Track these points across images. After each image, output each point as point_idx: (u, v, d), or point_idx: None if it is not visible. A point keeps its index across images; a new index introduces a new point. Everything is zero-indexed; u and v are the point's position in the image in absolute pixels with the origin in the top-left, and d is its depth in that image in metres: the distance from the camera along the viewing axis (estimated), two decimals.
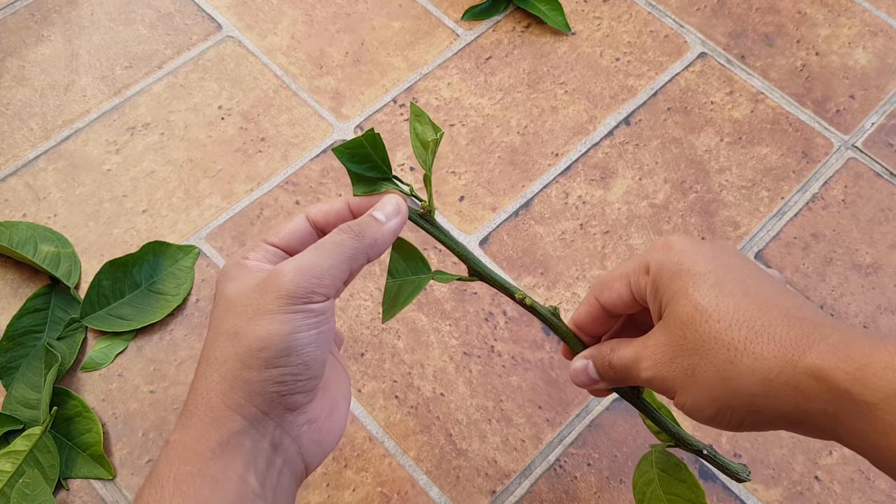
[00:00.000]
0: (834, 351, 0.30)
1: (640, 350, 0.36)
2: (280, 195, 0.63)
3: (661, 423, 0.43)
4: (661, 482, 0.45)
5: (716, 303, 0.33)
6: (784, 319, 0.32)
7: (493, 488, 0.53)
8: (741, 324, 0.33)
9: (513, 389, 0.56)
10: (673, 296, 0.35)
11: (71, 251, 0.60)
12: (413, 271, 0.40)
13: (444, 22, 0.72)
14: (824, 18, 0.73)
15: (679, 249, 0.36)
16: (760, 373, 0.32)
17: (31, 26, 0.72)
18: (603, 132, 0.67)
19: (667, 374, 0.35)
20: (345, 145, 0.38)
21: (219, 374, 0.35)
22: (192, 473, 0.33)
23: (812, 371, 0.30)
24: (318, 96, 0.68)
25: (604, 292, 0.39)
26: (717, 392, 0.33)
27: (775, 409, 0.32)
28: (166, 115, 0.67)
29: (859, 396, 0.29)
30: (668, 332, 0.35)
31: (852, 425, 0.30)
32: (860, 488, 0.52)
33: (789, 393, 0.31)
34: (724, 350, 0.32)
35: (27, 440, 0.52)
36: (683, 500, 0.44)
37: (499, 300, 0.59)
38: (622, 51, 0.71)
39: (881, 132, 0.67)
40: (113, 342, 0.57)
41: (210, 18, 0.72)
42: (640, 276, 0.37)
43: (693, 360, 0.33)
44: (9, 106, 0.68)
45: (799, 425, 0.32)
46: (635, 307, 0.38)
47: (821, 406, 0.30)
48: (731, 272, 0.35)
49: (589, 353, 0.40)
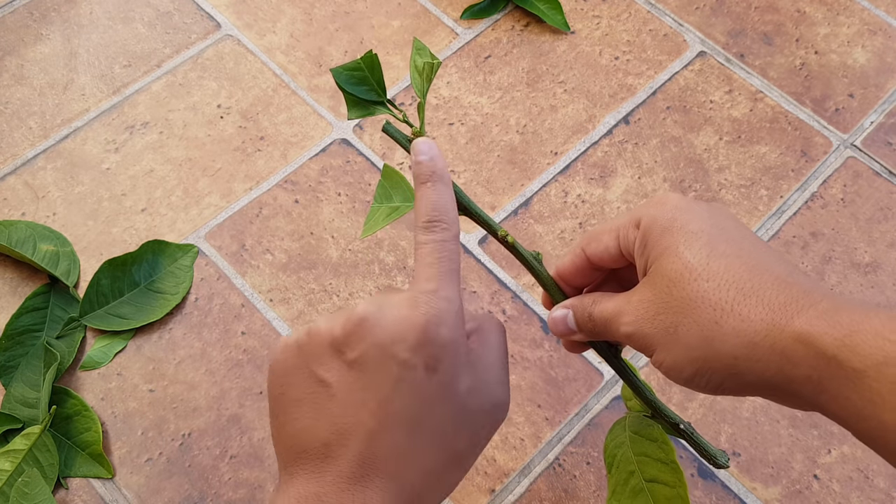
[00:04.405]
0: (823, 317, 0.30)
1: (622, 304, 0.35)
2: (279, 194, 0.63)
3: (637, 389, 0.41)
4: (632, 443, 0.43)
5: (706, 262, 0.33)
6: (774, 283, 0.32)
7: (492, 487, 0.53)
8: (730, 285, 0.32)
9: (512, 388, 0.56)
10: (662, 252, 0.34)
11: (70, 250, 0.60)
12: (399, 199, 0.40)
13: (444, 21, 0.72)
14: (823, 17, 0.73)
15: (673, 206, 0.35)
16: (745, 335, 0.31)
17: (30, 25, 0.72)
18: (602, 131, 0.67)
19: (647, 330, 0.34)
20: (343, 67, 0.39)
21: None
22: None
23: (799, 336, 0.30)
24: (317, 95, 0.68)
25: (591, 244, 0.38)
26: (698, 352, 0.32)
27: (757, 374, 0.31)
28: (165, 113, 0.67)
29: (847, 363, 0.28)
30: (653, 288, 0.34)
31: (837, 392, 0.29)
32: (859, 487, 0.53)
33: (774, 357, 0.30)
34: (710, 310, 0.32)
35: (26, 439, 0.52)
36: (653, 459, 0.42)
37: (498, 299, 0.59)
38: (621, 49, 0.71)
39: (880, 131, 0.67)
40: (112, 341, 0.57)
41: (209, 17, 0.72)
42: (630, 230, 0.36)
43: (676, 318, 0.33)
44: (7, 105, 0.67)
45: (779, 392, 0.31)
46: (621, 262, 0.38)
47: (805, 372, 0.30)
48: (725, 233, 0.34)
49: (570, 302, 0.39)
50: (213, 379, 0.56)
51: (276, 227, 0.62)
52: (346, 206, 0.63)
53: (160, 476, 0.53)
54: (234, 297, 0.59)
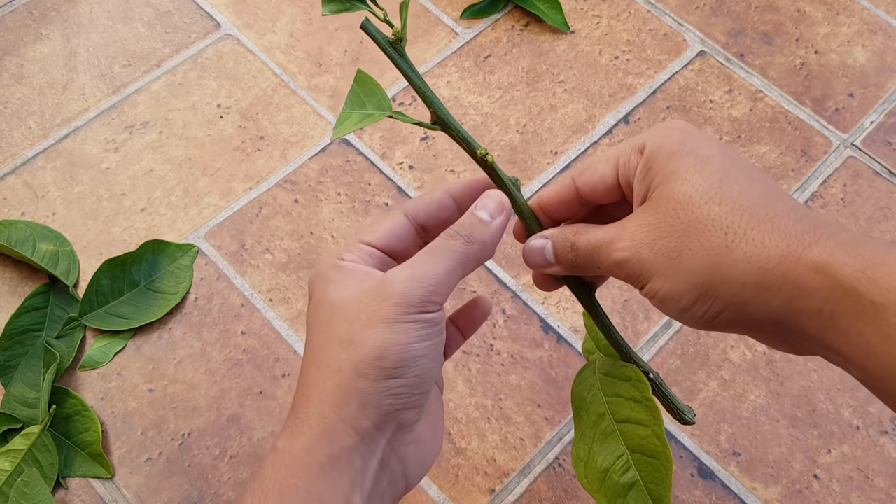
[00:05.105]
0: (843, 247, 0.28)
1: (616, 232, 0.34)
2: (279, 194, 0.63)
3: (607, 331, 0.39)
4: (603, 385, 0.40)
5: (719, 185, 0.31)
6: (790, 212, 0.30)
7: (492, 487, 0.53)
8: (744, 209, 0.30)
9: (512, 388, 0.56)
10: (670, 175, 0.32)
11: (69, 250, 0.60)
12: (372, 106, 0.38)
13: (443, 20, 0.72)
14: (823, 17, 0.73)
15: (680, 130, 0.34)
16: (758, 260, 0.29)
17: (30, 24, 0.71)
18: (602, 130, 0.67)
19: (646, 255, 0.32)
20: None
21: (332, 382, 0.33)
22: (298, 488, 0.32)
23: (816, 265, 0.28)
24: (316, 95, 0.68)
25: (584, 173, 0.36)
26: (702, 278, 0.31)
27: (763, 304, 0.30)
28: (165, 113, 0.67)
29: (866, 295, 0.27)
30: (656, 211, 0.32)
31: (849, 327, 0.28)
32: (859, 486, 0.53)
33: (785, 287, 0.29)
34: (722, 233, 0.30)
35: (26, 439, 0.52)
36: (625, 398, 0.39)
37: (498, 298, 0.59)
38: (621, 49, 0.71)
39: (880, 130, 0.67)
40: (112, 341, 0.57)
41: (209, 17, 0.72)
42: (632, 156, 0.34)
43: (682, 242, 0.31)
44: (7, 104, 0.67)
45: (781, 327, 0.30)
46: (614, 194, 0.36)
47: (816, 305, 0.28)
48: (736, 161, 0.33)
49: (550, 232, 0.37)
50: (213, 379, 0.56)
51: (275, 226, 0.62)
52: (345, 206, 0.63)
53: (160, 476, 0.53)
54: (234, 297, 0.59)
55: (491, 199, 0.37)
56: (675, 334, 0.58)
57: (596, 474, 0.40)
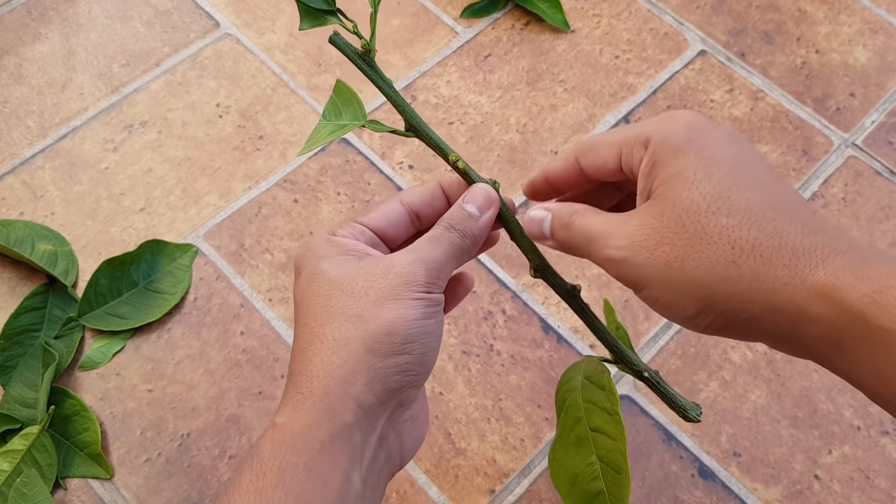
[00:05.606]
0: (850, 268, 0.27)
1: (615, 225, 0.33)
2: (278, 193, 0.63)
3: (597, 331, 0.39)
4: (583, 389, 0.40)
5: (728, 195, 0.30)
6: (799, 226, 0.29)
7: (492, 487, 0.53)
8: (752, 223, 0.29)
9: (512, 388, 0.56)
10: (675, 176, 0.31)
11: (68, 250, 0.60)
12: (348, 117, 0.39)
13: (443, 19, 0.72)
14: (824, 16, 0.73)
15: (686, 124, 0.32)
16: (765, 279, 0.29)
17: (29, 24, 0.71)
18: (602, 130, 0.67)
19: (644, 260, 0.31)
20: None
21: (339, 357, 0.33)
22: (298, 465, 0.32)
23: (822, 289, 0.27)
24: (316, 94, 0.68)
25: (587, 156, 0.35)
26: (706, 291, 0.30)
27: (769, 323, 0.29)
28: (164, 112, 0.67)
29: (874, 321, 0.26)
30: (660, 215, 0.31)
31: (858, 352, 0.27)
32: (860, 487, 0.52)
33: (790, 310, 0.28)
34: (729, 247, 0.29)
35: (25, 439, 0.52)
36: (598, 407, 0.40)
37: (498, 298, 0.59)
38: (622, 48, 0.71)
39: (881, 130, 0.67)
40: (111, 341, 0.57)
41: (208, 16, 0.72)
42: (636, 149, 0.33)
43: (685, 252, 0.30)
44: (6, 104, 0.67)
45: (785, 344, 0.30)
46: (618, 177, 0.35)
47: (822, 331, 0.27)
48: (746, 164, 0.31)
49: (552, 205, 0.36)
50: (212, 379, 0.56)
51: (275, 226, 0.62)
52: (345, 206, 0.63)
53: (159, 476, 0.53)
54: (233, 297, 0.59)
55: (478, 193, 0.37)
56: (676, 335, 0.58)
57: (567, 477, 0.42)
